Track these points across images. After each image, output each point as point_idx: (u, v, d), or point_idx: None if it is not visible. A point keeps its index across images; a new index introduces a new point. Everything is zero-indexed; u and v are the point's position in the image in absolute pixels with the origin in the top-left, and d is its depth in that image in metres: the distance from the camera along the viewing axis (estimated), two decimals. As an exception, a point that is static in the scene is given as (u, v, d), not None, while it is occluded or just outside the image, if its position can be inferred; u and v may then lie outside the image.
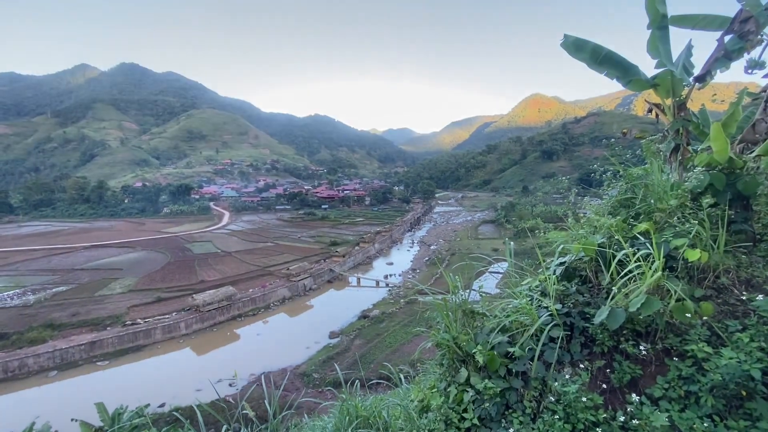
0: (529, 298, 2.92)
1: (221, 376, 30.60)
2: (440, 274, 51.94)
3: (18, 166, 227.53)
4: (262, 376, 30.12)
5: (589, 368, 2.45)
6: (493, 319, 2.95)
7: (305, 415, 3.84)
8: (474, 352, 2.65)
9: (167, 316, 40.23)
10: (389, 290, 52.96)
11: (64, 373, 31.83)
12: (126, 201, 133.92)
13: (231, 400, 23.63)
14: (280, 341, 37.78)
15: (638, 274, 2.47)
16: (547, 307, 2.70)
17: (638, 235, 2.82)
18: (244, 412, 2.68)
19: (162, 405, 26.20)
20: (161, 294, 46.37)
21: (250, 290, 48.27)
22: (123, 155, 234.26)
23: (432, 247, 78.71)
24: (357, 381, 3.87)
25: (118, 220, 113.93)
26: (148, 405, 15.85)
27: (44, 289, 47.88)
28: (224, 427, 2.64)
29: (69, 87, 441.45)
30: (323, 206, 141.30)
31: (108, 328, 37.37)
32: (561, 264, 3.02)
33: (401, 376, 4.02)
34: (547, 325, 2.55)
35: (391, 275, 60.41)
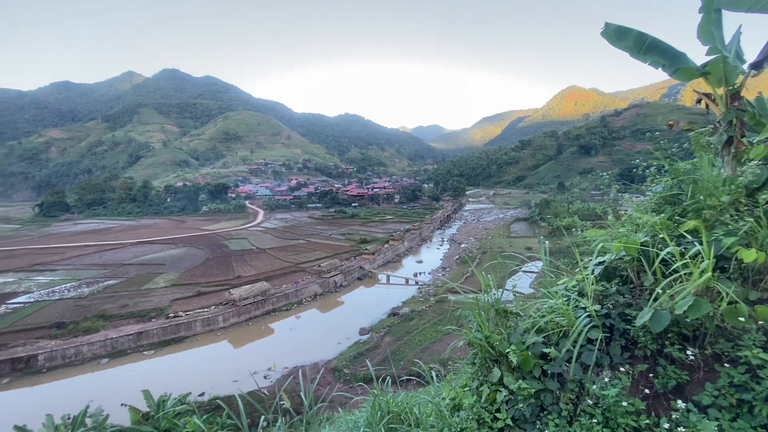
0: (565, 299, 2.83)
1: (257, 368, 31.67)
2: (471, 273, 51.17)
3: (73, 168, 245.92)
4: (297, 369, 30.97)
5: (631, 372, 2.36)
6: (528, 319, 2.89)
7: (339, 409, 3.91)
8: (507, 352, 2.61)
9: (206, 309, 42.16)
10: (419, 288, 52.75)
11: (114, 361, 34.11)
12: (168, 200, 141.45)
13: (266, 392, 24.48)
14: (312, 336, 38.65)
15: (685, 274, 2.34)
16: (585, 308, 2.61)
17: (685, 234, 2.67)
18: (281, 402, 2.79)
19: (202, 394, 27.47)
20: (201, 288, 48.65)
21: (284, 286, 49.67)
22: (165, 157, 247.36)
23: (462, 246, 77.63)
24: (388, 377, 3.91)
25: (161, 218, 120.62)
26: (190, 393, 16.69)
27: (97, 282, 51.55)
28: (262, 417, 2.76)
29: (117, 93, 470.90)
30: (353, 204, 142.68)
31: (153, 320, 39.66)
32: (600, 263, 2.91)
33: (432, 374, 4.02)
34: (585, 326, 2.47)
35: (420, 273, 60.15)
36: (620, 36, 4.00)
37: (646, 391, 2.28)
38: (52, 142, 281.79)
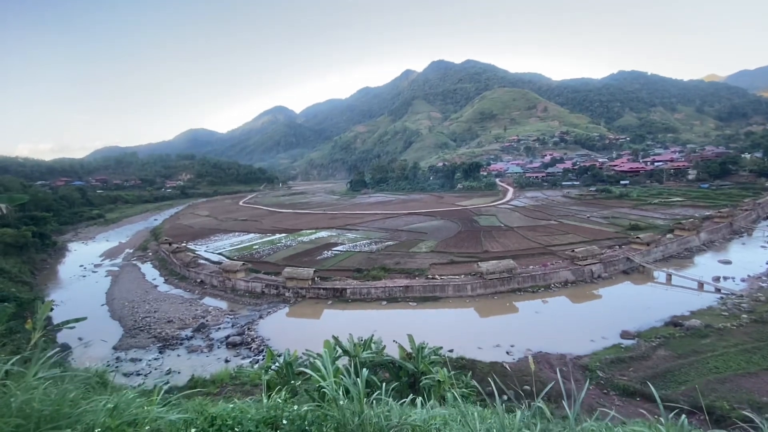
0: None
1: (499, 341, 32.68)
2: (834, 291, 32.83)
3: (369, 154, 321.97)
4: (541, 354, 29.83)
5: None
6: None
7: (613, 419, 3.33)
8: None
9: (457, 277, 46.62)
10: (722, 298, 38.92)
11: (389, 305, 43.41)
12: (431, 178, 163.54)
13: (508, 367, 24.93)
14: (559, 325, 35.93)
15: None
16: None
17: None
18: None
19: (451, 350, 30.90)
20: (453, 257, 54.07)
21: (530, 267, 48.10)
22: (429, 141, 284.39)
23: (819, 247, 50.85)
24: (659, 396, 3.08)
25: (425, 194, 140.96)
26: (441, 347, 19.23)
27: (381, 242, 66.51)
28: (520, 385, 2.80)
29: (397, 90, 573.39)
30: (622, 182, 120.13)
31: (416, 278, 47.59)
32: None
33: (747, 413, 2.84)
34: None
35: (726, 278, 44.08)
36: None
37: None
38: (358, 135, 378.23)
